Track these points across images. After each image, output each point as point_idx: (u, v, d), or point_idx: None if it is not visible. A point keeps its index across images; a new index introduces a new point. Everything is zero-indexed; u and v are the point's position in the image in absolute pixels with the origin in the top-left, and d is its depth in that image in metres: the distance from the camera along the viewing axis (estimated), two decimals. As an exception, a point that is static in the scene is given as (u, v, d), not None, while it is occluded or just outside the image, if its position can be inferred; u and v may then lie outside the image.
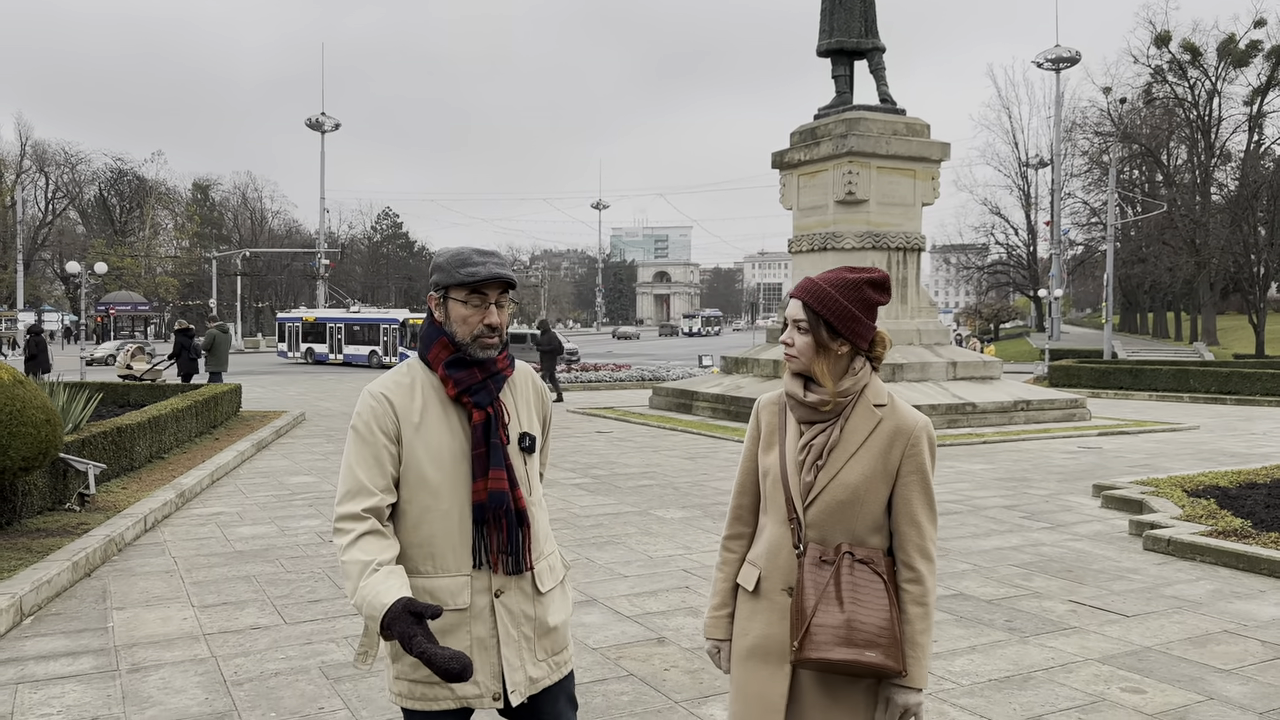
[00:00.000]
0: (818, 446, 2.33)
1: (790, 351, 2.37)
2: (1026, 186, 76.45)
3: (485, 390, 2.42)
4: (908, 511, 2.32)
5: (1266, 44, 56.64)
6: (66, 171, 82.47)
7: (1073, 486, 10.75)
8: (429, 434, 2.38)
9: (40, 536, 7.38)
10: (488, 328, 2.39)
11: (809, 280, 2.36)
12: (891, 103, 18.91)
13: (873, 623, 2.22)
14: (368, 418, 2.38)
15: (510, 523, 2.38)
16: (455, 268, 2.39)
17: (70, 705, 4.51)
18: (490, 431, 2.39)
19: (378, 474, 2.34)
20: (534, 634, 2.43)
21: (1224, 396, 23.51)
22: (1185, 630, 5.67)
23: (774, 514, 2.39)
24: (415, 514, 2.38)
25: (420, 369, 2.46)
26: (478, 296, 2.39)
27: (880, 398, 2.37)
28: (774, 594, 2.36)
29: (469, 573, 2.37)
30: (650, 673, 4.93)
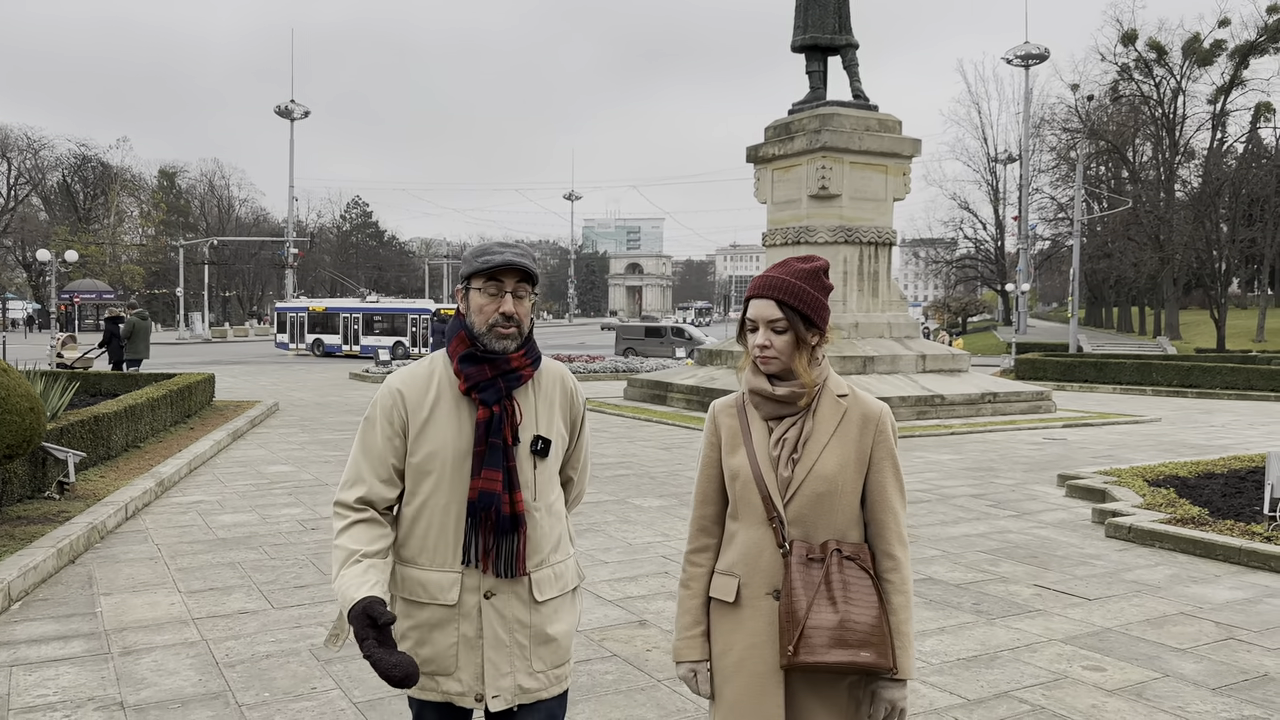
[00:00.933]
0: (791, 439, 2.30)
1: (769, 354, 2.29)
2: (995, 182, 77.36)
3: (494, 388, 2.39)
4: (884, 498, 2.31)
5: (1230, 43, 57.62)
6: (29, 157, 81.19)
7: (1038, 476, 11.04)
8: (437, 427, 2.39)
9: (22, 524, 7.42)
10: (503, 317, 2.37)
11: (773, 278, 2.32)
12: (864, 99, 19.14)
13: (865, 621, 2.19)
14: (379, 409, 2.42)
15: (500, 525, 2.35)
16: (475, 257, 2.41)
17: (65, 686, 4.61)
18: (492, 430, 2.36)
19: (379, 465, 2.39)
20: (530, 642, 2.39)
21: (1185, 390, 24.04)
22: (1144, 612, 5.92)
23: (749, 517, 2.32)
24: (417, 504, 2.41)
25: (442, 361, 2.48)
26: (494, 284, 2.38)
27: (841, 388, 2.37)
28: (757, 600, 2.28)
29: (460, 569, 2.37)
30: (633, 653, 5.09)
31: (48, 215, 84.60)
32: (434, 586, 2.37)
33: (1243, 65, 57.61)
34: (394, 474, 2.41)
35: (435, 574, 2.38)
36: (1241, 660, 5.09)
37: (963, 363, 18.93)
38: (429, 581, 2.38)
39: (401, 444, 2.40)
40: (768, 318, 2.29)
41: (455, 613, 2.36)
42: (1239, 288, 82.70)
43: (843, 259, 18.26)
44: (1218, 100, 58.80)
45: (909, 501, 9.27)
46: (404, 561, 2.42)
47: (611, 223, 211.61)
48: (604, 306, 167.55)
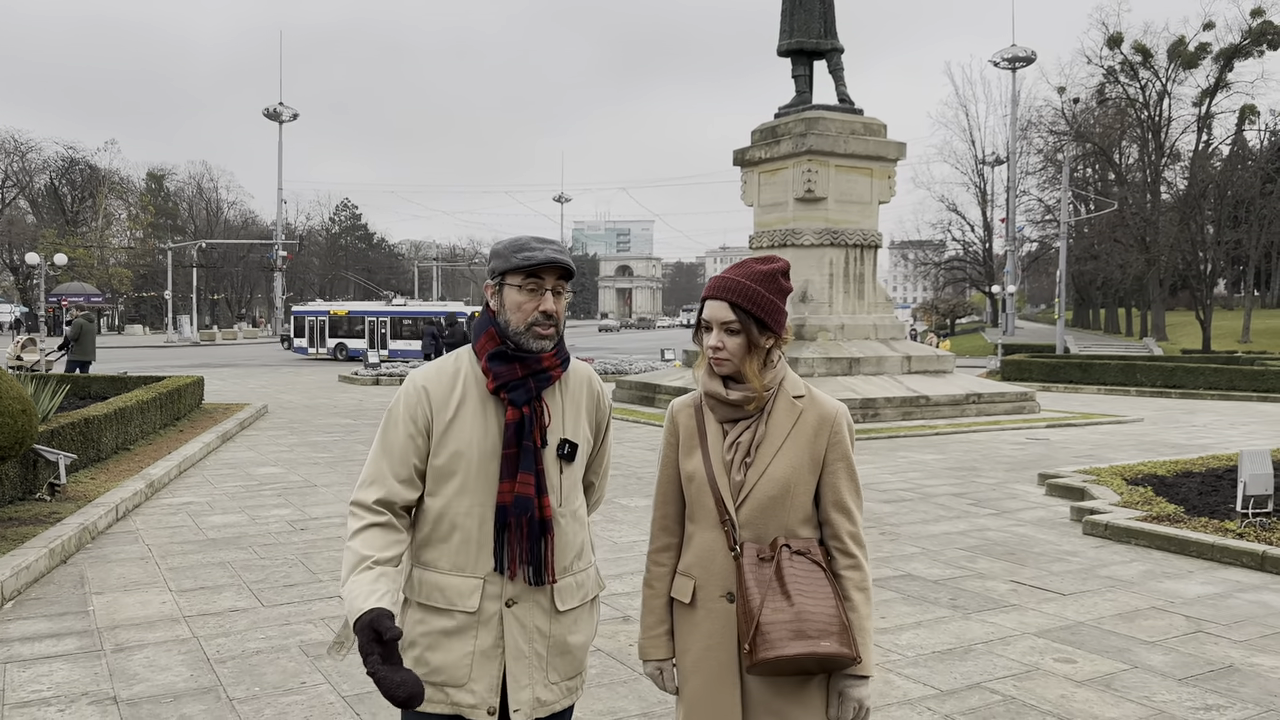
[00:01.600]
0: (744, 444, 2.30)
1: (721, 355, 2.30)
2: (983, 184, 77.72)
3: (524, 388, 2.31)
4: (836, 499, 2.31)
5: (1215, 46, 58.08)
6: (16, 160, 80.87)
7: (1019, 476, 11.19)
8: (462, 427, 2.31)
9: (13, 525, 7.49)
10: (543, 315, 2.30)
11: (728, 279, 2.31)
12: (850, 103, 19.32)
13: (822, 612, 2.19)
14: (402, 406, 2.34)
15: (532, 531, 2.29)
16: (512, 253, 2.32)
17: (59, 682, 4.70)
18: (524, 432, 2.29)
19: (400, 465, 2.31)
20: (548, 652, 2.33)
21: (1169, 390, 24.27)
22: (1116, 607, 6.06)
23: (703, 519, 2.33)
24: (439, 506, 2.32)
25: (468, 359, 2.39)
26: (534, 281, 2.30)
27: (798, 389, 2.36)
28: (712, 601, 2.30)
29: (484, 576, 2.29)
30: (616, 648, 5.21)
31: (35, 218, 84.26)
32: (453, 592, 2.29)
33: (1227, 68, 58.08)
34: (415, 474, 2.32)
35: (456, 579, 2.29)
36: (1209, 652, 5.23)
37: (948, 364, 19.10)
38: (449, 586, 2.29)
39: (424, 443, 2.32)
40: (721, 319, 2.28)
41: (474, 620, 2.28)
42: (1225, 289, 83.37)
43: (829, 261, 18.41)
44: (1203, 103, 59.25)
45: (891, 501, 9.47)
46: (422, 565, 2.34)
47: (601, 225, 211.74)
48: (594, 309, 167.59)
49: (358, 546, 2.24)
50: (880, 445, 13.83)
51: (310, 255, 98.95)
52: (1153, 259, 56.37)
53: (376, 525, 2.27)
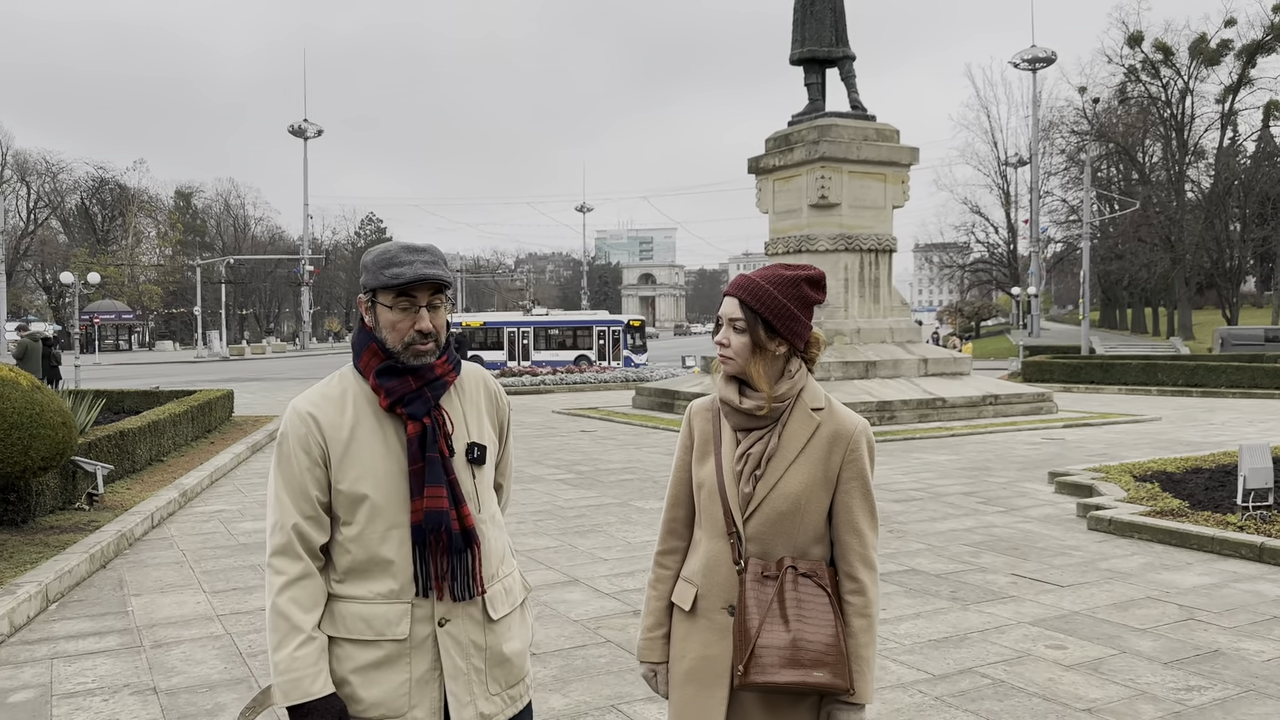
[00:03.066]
0: (755, 455, 2.24)
1: (725, 352, 2.26)
2: (1006, 185, 77.38)
3: (421, 399, 2.21)
4: (849, 520, 2.24)
5: (1237, 43, 57.70)
6: (48, 181, 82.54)
7: (1030, 475, 11.35)
8: (361, 450, 2.19)
9: (55, 533, 7.86)
10: (419, 334, 2.19)
11: (744, 277, 2.27)
12: (862, 109, 19.53)
13: (819, 640, 2.14)
14: (292, 440, 2.20)
15: (453, 544, 2.18)
16: (380, 268, 2.18)
17: (103, 675, 5.02)
18: (427, 444, 2.19)
19: (304, 502, 2.18)
20: (485, 665, 2.24)
21: (1190, 389, 24.23)
22: (1112, 597, 6.25)
23: (710, 528, 2.28)
24: (352, 535, 2.19)
25: (353, 378, 2.26)
26: (405, 300, 2.18)
27: (818, 401, 2.28)
28: (713, 613, 2.25)
29: (410, 600, 2.17)
30: (625, 639, 5.47)
31: (67, 238, 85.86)
32: (380, 622, 2.17)
33: (1250, 64, 57.69)
34: (320, 510, 2.20)
35: (382, 607, 2.17)
36: (1197, 638, 5.42)
37: (964, 366, 19.23)
38: (374, 617, 2.17)
39: (323, 474, 2.19)
40: (730, 315, 2.25)
41: (406, 647, 2.17)
42: (1255, 286, 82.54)
43: (844, 266, 18.62)
44: (1226, 100, 58.86)
45: (901, 500, 9.68)
46: (341, 598, 2.20)
47: (624, 234, 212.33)
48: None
49: (289, 610, 2.13)
50: (895, 447, 14.01)
51: (337, 269, 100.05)
52: (1178, 257, 56.02)
53: (300, 579, 2.16)
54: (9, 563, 6.80)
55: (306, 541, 2.18)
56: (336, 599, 2.20)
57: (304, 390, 2.29)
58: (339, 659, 2.17)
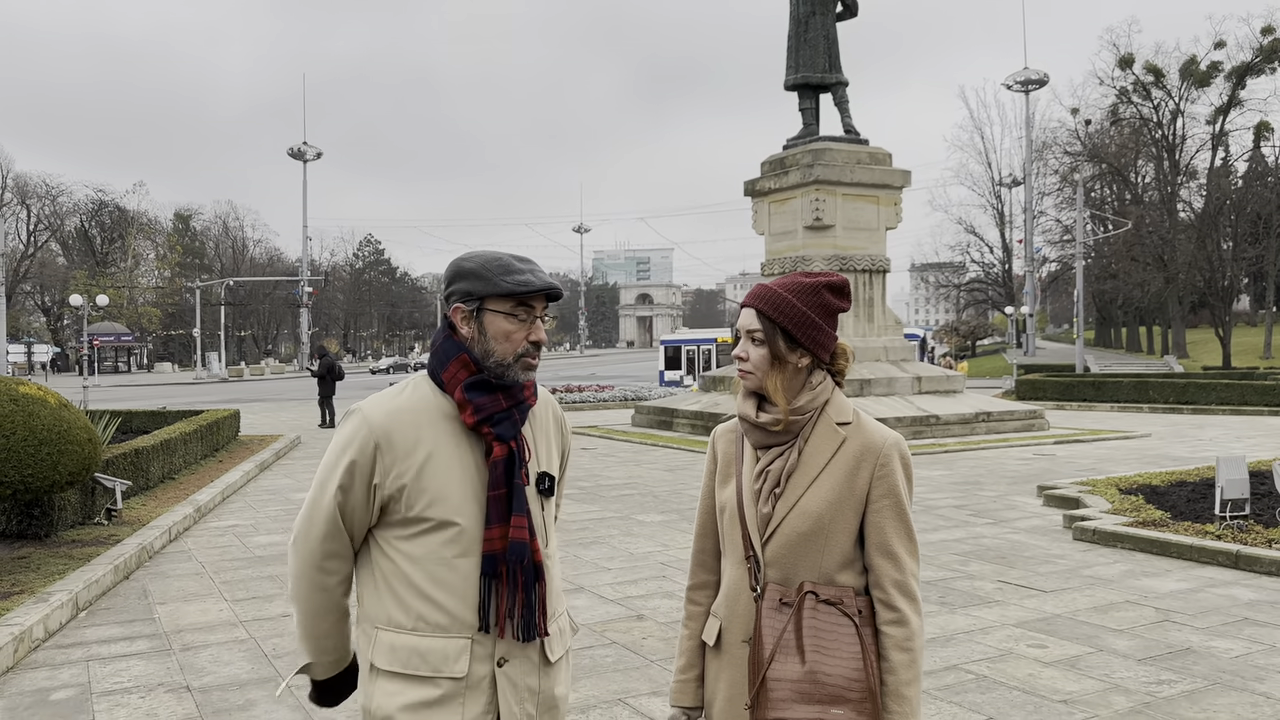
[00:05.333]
0: (774, 472, 2.08)
1: (744, 366, 2.12)
2: (1000, 205, 78.07)
3: (510, 420, 2.08)
4: (881, 542, 2.05)
5: (1227, 65, 58.54)
6: (48, 204, 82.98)
7: (1020, 488, 11.68)
8: (438, 471, 2.05)
9: (77, 546, 8.15)
10: (534, 345, 2.10)
11: (762, 286, 2.14)
12: (855, 133, 19.98)
13: (839, 674, 1.95)
14: (355, 452, 2.06)
15: (527, 580, 2.06)
16: (498, 275, 2.06)
17: (137, 675, 5.32)
18: (514, 470, 2.07)
19: (359, 528, 2.11)
20: (538, 710, 2.10)
21: (1181, 406, 24.59)
22: (1093, 601, 6.56)
23: (732, 554, 2.14)
24: (412, 558, 2.06)
25: (429, 389, 2.12)
26: (524, 309, 2.08)
27: (844, 415, 2.11)
28: (734, 647, 2.09)
29: (471, 635, 2.04)
30: (630, 641, 5.78)
31: (66, 260, 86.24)
32: (437, 657, 2.02)
33: (1240, 86, 58.50)
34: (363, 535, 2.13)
35: (440, 640, 2.03)
36: (1171, 638, 5.73)
37: (958, 384, 19.58)
38: (431, 651, 2.02)
39: (383, 494, 2.07)
40: (747, 327, 2.11)
41: (462, 686, 2.02)
42: (1249, 305, 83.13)
43: (839, 286, 18.98)
44: (1216, 121, 59.64)
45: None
46: (395, 627, 2.05)
47: (621, 254, 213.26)
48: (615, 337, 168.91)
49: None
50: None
51: (335, 291, 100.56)
52: (1171, 277, 56.60)
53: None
54: (38, 574, 7.09)
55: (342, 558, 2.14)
56: (389, 628, 2.06)
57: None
58: (387, 694, 2.03)
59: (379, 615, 2.08)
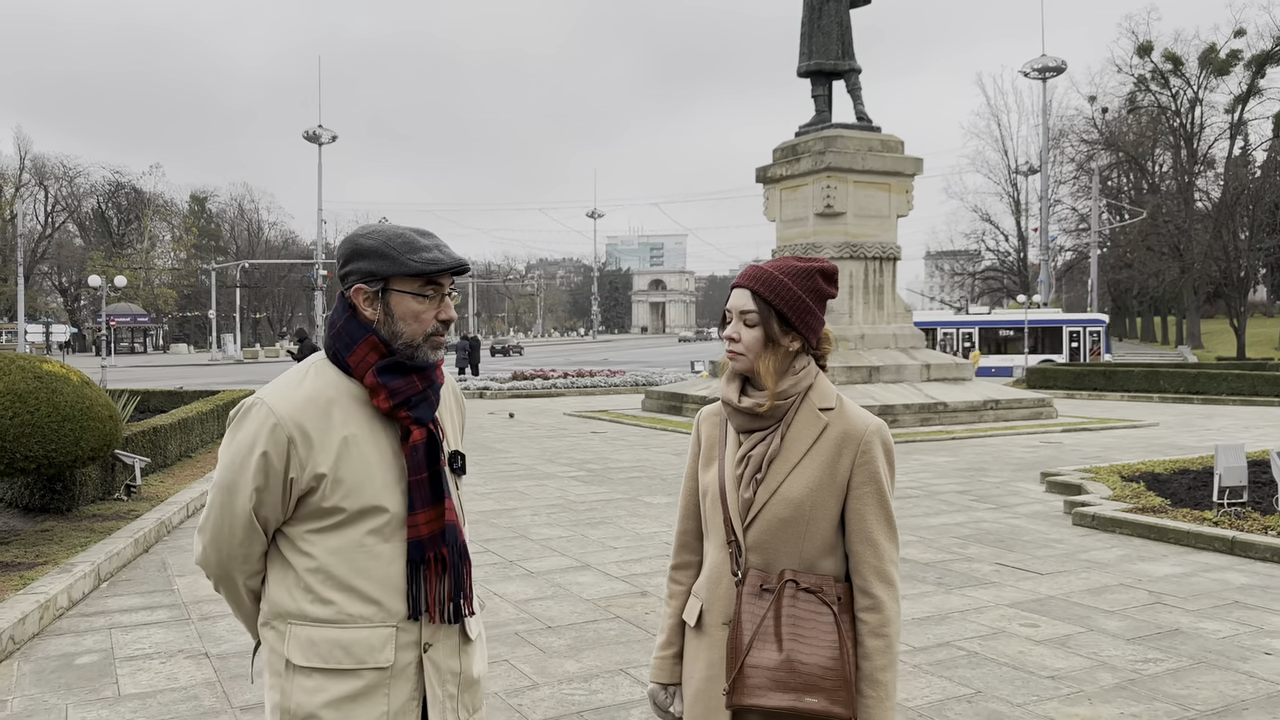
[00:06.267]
0: (756, 457, 2.09)
1: (735, 348, 2.10)
2: (1016, 193, 77.64)
3: (426, 403, 2.04)
4: (861, 529, 2.07)
5: (1246, 53, 58.04)
6: (65, 185, 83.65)
7: (1024, 475, 11.79)
8: (354, 460, 1.98)
9: (98, 520, 8.38)
10: (443, 324, 2.05)
11: (755, 267, 2.13)
12: (868, 120, 20.02)
13: (815, 662, 1.97)
14: (267, 446, 1.96)
15: (455, 562, 2.04)
16: (403, 254, 1.99)
17: (158, 642, 5.53)
18: (437, 453, 2.03)
19: (273, 518, 2.03)
20: (459, 690, 2.09)
21: (1191, 396, 24.59)
22: (1087, 584, 6.70)
23: (714, 537, 2.15)
24: (330, 550, 1.99)
25: (333, 374, 2.04)
26: (433, 287, 2.02)
27: (827, 400, 2.11)
28: (715, 629, 2.11)
29: (396, 624, 2.00)
30: (634, 615, 5.95)
31: (83, 241, 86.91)
32: (361, 648, 1.97)
33: (1259, 75, 58.01)
34: (276, 526, 2.05)
35: (363, 631, 1.98)
36: (1161, 619, 5.87)
37: (966, 371, 19.66)
38: (355, 643, 1.97)
39: (295, 486, 1.99)
40: (740, 308, 2.10)
41: (386, 676, 1.98)
42: (1266, 296, 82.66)
43: (848, 274, 19.08)
44: (1235, 110, 59.16)
45: (898, 498, 10.14)
46: (314, 621, 1.98)
47: (634, 239, 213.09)
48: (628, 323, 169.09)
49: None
50: (896, 449, 14.39)
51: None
52: (1186, 266, 56.32)
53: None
54: (60, 546, 7.32)
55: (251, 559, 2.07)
56: (304, 623, 1.99)
57: (276, 385, 2.05)
58: (307, 691, 1.97)
59: (291, 610, 2.00)
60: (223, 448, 2.04)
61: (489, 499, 10.26)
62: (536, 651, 5.30)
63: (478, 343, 35.48)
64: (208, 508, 2.05)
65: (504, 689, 4.75)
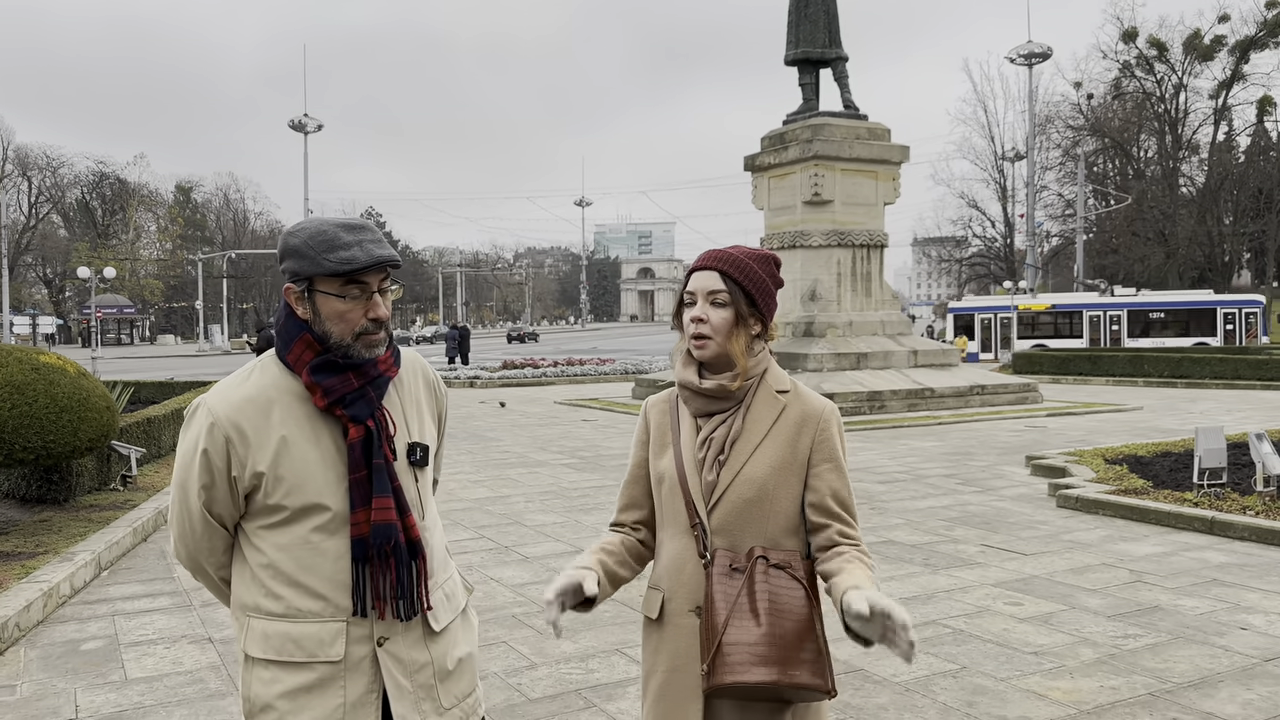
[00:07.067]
0: (719, 439, 2.09)
1: (701, 329, 2.07)
2: (1002, 180, 77.87)
3: (364, 399, 2.01)
4: (823, 504, 2.08)
5: (1230, 39, 58.43)
6: (49, 175, 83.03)
7: (1009, 459, 11.97)
8: (293, 459, 1.99)
9: (95, 510, 8.47)
10: (373, 322, 2.00)
11: (718, 251, 2.13)
12: (855, 109, 20.14)
13: (795, 636, 1.96)
14: (206, 448, 1.99)
15: (400, 559, 2.01)
16: (321, 253, 1.95)
17: (161, 628, 5.63)
18: (372, 451, 2.00)
19: (229, 517, 2.06)
20: (435, 680, 2.08)
21: (1175, 380, 24.86)
22: (1070, 564, 6.87)
23: (673, 525, 2.12)
24: (278, 546, 2.01)
25: (278, 372, 2.04)
26: (356, 287, 1.98)
27: (782, 384, 2.15)
28: (680, 616, 2.08)
29: (345, 619, 2.00)
30: (626, 597, 6.05)
31: (67, 232, 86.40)
32: (312, 642, 1.98)
33: (1243, 60, 58.41)
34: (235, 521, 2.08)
35: (312, 626, 1.99)
36: (1141, 596, 6.03)
37: (952, 357, 19.86)
38: (305, 637, 1.99)
39: (242, 485, 2.01)
40: (708, 289, 2.08)
41: (340, 669, 1.99)
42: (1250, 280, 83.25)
43: (836, 261, 19.23)
44: (1219, 95, 59.56)
45: (886, 481, 10.31)
46: (266, 615, 2.01)
47: (623, 228, 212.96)
48: (616, 311, 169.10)
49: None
50: (884, 434, 14.63)
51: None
52: (1171, 251, 56.75)
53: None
54: (60, 535, 7.41)
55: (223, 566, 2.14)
56: (260, 616, 2.02)
57: (220, 385, 2.09)
58: (264, 682, 2.00)
59: (249, 604, 2.05)
60: (178, 447, 2.09)
61: (482, 486, 10.38)
62: (534, 633, 5.43)
63: (468, 331, 35.56)
64: (170, 504, 2.12)
65: (503, 669, 4.88)
